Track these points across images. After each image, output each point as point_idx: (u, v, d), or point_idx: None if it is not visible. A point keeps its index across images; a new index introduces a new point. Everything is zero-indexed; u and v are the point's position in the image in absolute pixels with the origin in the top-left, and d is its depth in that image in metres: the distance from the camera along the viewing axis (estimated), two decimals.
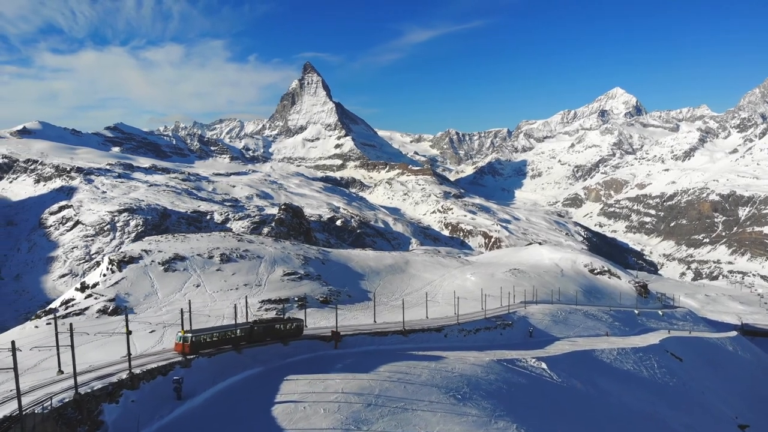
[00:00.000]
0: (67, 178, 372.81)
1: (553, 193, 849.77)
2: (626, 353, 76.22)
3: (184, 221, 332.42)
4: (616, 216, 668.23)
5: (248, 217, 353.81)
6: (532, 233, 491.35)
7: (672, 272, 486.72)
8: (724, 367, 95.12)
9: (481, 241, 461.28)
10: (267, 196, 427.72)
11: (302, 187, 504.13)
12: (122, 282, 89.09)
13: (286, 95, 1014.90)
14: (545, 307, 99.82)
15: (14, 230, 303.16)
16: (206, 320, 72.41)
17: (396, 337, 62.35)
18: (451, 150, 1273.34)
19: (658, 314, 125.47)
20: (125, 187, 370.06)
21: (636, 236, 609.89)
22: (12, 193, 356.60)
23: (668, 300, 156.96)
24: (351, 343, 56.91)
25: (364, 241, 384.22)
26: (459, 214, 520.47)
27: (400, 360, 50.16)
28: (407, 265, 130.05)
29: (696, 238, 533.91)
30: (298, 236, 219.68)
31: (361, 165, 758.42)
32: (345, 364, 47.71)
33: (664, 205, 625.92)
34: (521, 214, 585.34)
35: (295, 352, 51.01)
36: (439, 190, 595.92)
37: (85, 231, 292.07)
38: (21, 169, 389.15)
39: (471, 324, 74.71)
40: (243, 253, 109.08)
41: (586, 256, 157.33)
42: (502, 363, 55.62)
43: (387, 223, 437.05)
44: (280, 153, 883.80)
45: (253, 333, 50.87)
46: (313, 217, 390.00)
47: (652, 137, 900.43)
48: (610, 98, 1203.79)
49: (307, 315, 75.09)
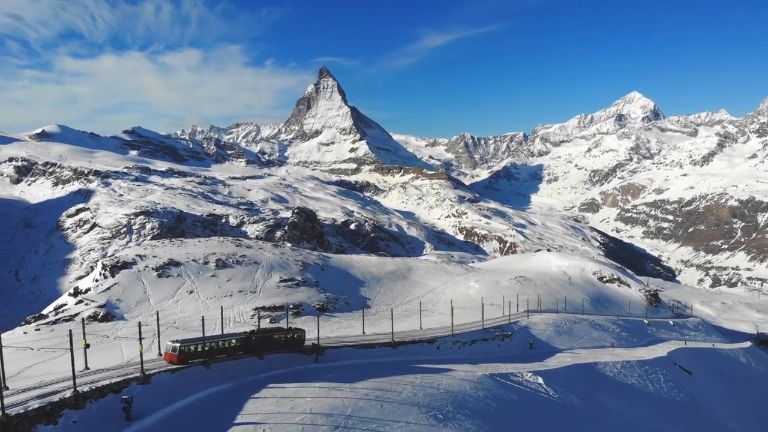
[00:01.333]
0: (84, 181, 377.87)
1: (570, 197, 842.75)
2: (631, 366, 72.88)
3: (200, 224, 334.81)
4: (634, 221, 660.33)
5: (263, 221, 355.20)
6: (547, 238, 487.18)
7: (690, 279, 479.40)
8: (737, 381, 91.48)
9: (496, 246, 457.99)
10: (282, 200, 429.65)
11: (317, 191, 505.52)
12: (114, 288, 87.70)
13: (302, 100, 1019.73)
14: (549, 316, 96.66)
15: (32, 232, 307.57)
16: (197, 328, 71.06)
17: (384, 349, 59.33)
18: (467, 154, 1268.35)
19: (669, 324, 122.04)
20: (142, 190, 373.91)
21: (653, 242, 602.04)
22: (30, 196, 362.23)
23: (683, 308, 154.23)
24: (333, 356, 54.21)
25: (378, 245, 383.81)
26: (473, 218, 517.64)
27: (383, 375, 47.55)
28: (410, 272, 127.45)
29: (714, 244, 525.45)
30: (310, 240, 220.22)
31: (375, 169, 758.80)
32: (322, 379, 44.94)
33: (682, 210, 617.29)
34: (537, 219, 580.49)
35: (270, 366, 48.10)
36: (454, 195, 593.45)
37: (102, 233, 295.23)
38: (39, 171, 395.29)
39: (467, 335, 71.54)
40: (240, 259, 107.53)
41: (594, 264, 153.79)
42: (494, 378, 53.13)
43: (401, 227, 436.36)
44: (295, 157, 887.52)
45: (250, 343, 49.16)
46: (327, 220, 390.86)
47: (670, 142, 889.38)
48: (627, 102, 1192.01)
49: (301, 323, 73.24)
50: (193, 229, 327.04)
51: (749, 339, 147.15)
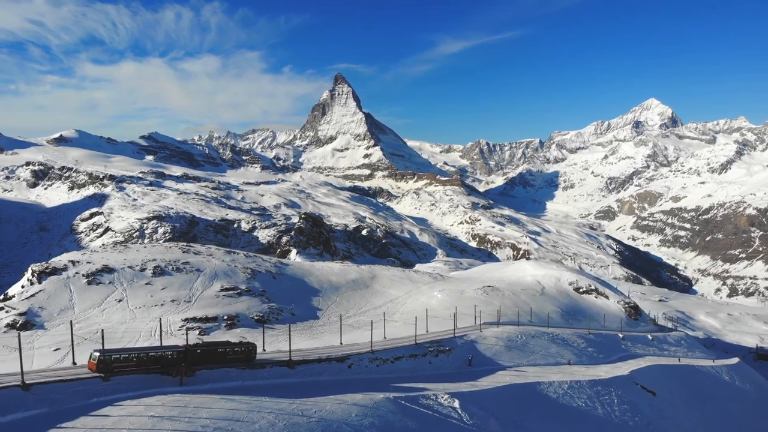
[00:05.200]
0: (99, 185, 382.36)
1: (586, 205, 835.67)
2: (580, 387, 64.86)
3: (212, 229, 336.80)
4: (650, 229, 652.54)
5: (274, 226, 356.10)
6: (562, 246, 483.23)
7: (707, 288, 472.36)
8: (715, 402, 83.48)
9: (510, 253, 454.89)
10: (294, 205, 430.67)
11: (329, 196, 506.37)
12: (39, 295, 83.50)
13: (317, 106, 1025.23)
14: (506, 329, 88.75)
15: (47, 236, 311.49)
16: (120, 338, 67.21)
17: (278, 369, 51.66)
18: (482, 160, 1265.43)
19: (647, 338, 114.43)
20: (155, 194, 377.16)
21: (670, 250, 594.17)
22: (46, 200, 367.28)
23: (686, 320, 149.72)
24: (207, 378, 46.53)
25: (389, 251, 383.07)
26: (487, 225, 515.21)
27: (251, 399, 40.61)
28: (373, 281, 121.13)
29: (732, 253, 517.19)
30: (317, 245, 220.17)
31: (389, 175, 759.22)
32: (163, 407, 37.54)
33: (699, 218, 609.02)
34: (552, 226, 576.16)
35: (112, 389, 40.46)
36: (467, 201, 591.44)
37: (115, 237, 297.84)
38: (56, 176, 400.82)
39: (390, 352, 64.33)
40: (181, 266, 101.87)
41: (571, 274, 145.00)
42: (398, 401, 45.86)
43: (413, 234, 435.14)
44: (309, 163, 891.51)
45: (189, 356, 46.49)
46: (338, 226, 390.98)
47: (687, 149, 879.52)
48: (645, 109, 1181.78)
49: (231, 336, 69.82)
50: (205, 233, 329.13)
51: (748, 352, 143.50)
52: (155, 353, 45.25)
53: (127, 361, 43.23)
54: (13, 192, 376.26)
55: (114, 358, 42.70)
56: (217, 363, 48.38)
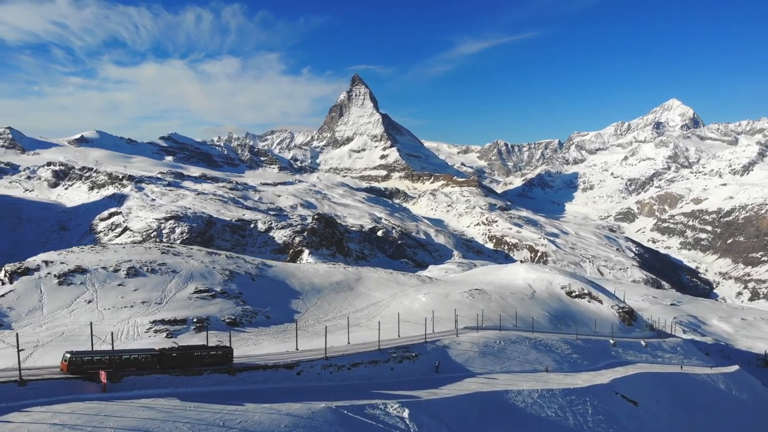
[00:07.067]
0: (119, 185, 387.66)
1: (605, 206, 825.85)
2: (552, 396, 60.68)
3: (229, 229, 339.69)
4: (670, 232, 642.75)
5: (290, 226, 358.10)
6: (580, 248, 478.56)
7: (728, 291, 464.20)
8: (707, 412, 78.96)
9: (527, 255, 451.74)
10: (311, 206, 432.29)
11: (345, 197, 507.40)
12: (9, 295, 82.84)
13: (335, 107, 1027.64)
14: (485, 334, 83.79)
15: (66, 235, 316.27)
16: (86, 340, 64.39)
17: (217, 376, 48.58)
18: (500, 161, 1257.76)
19: (641, 345, 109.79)
20: (174, 195, 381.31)
21: (691, 253, 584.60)
22: (67, 200, 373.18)
23: (700, 324, 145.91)
24: (133, 384, 43.18)
25: (405, 252, 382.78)
26: (504, 226, 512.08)
27: (172, 409, 37.61)
28: (358, 283, 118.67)
29: (754, 256, 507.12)
30: (330, 246, 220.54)
31: (405, 176, 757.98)
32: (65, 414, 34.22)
33: (720, 221, 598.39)
34: (570, 228, 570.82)
35: (27, 394, 38.03)
36: (484, 202, 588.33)
37: (133, 237, 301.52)
38: (76, 176, 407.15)
39: (348, 358, 60.49)
40: (156, 267, 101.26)
41: (564, 277, 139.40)
42: (340, 411, 42.48)
43: (429, 235, 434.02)
44: (326, 163, 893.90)
45: (164, 359, 45.96)
46: (354, 227, 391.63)
47: (709, 150, 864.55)
48: (665, 110, 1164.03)
49: (200, 339, 67.69)
50: (222, 233, 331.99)
51: (756, 359, 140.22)
52: (128, 356, 44.96)
53: (100, 363, 42.81)
54: (34, 192, 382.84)
55: (86, 359, 42.44)
56: (192, 366, 47.74)
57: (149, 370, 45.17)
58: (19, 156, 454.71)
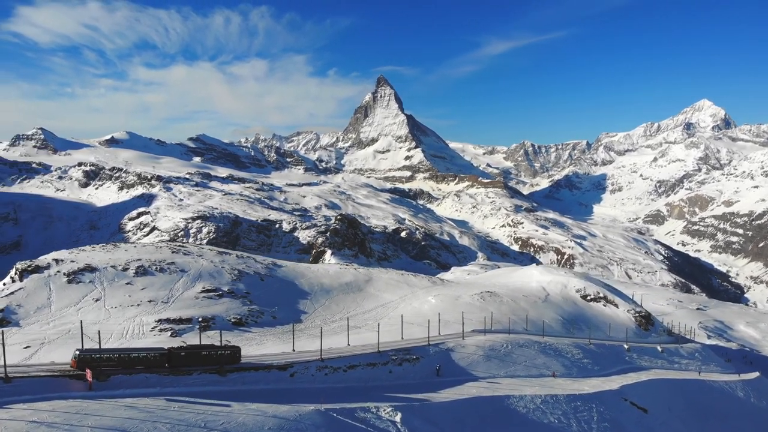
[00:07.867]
0: (147, 185, 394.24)
1: (634, 209, 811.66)
2: (556, 401, 58.72)
3: (254, 229, 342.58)
4: (701, 235, 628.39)
5: (314, 227, 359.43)
6: (608, 251, 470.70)
7: (759, 296, 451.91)
8: (723, 420, 75.55)
9: (553, 257, 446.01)
10: (335, 206, 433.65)
11: (369, 198, 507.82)
12: (18, 292, 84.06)
13: (360, 108, 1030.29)
14: (492, 337, 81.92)
15: (96, 234, 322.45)
16: (92, 338, 64.22)
17: (206, 376, 48.16)
18: (526, 162, 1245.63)
19: (656, 350, 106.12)
20: (201, 195, 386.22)
21: (721, 256, 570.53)
22: (97, 199, 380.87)
23: (726, 329, 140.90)
24: (120, 383, 42.95)
25: (428, 253, 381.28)
26: (530, 228, 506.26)
27: (157, 409, 36.97)
28: (367, 284, 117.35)
29: None
30: (352, 246, 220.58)
31: (430, 177, 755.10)
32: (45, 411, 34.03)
33: (752, 224, 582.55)
34: (598, 230, 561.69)
35: (10, 391, 37.84)
36: (510, 204, 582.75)
37: (161, 236, 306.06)
38: (106, 176, 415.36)
39: (345, 360, 59.35)
40: (165, 266, 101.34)
41: (579, 280, 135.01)
42: (329, 414, 41.58)
43: (453, 236, 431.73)
44: (351, 164, 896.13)
45: (172, 358, 46.57)
46: (378, 228, 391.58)
47: (741, 152, 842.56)
48: (696, 110, 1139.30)
49: (205, 338, 67.63)
50: (248, 233, 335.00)
51: None
52: (137, 354, 45.37)
53: (109, 361, 43.50)
54: (65, 191, 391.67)
55: (95, 357, 43.01)
56: (201, 365, 48.04)
57: (158, 369, 45.48)
58: (51, 156, 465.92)
